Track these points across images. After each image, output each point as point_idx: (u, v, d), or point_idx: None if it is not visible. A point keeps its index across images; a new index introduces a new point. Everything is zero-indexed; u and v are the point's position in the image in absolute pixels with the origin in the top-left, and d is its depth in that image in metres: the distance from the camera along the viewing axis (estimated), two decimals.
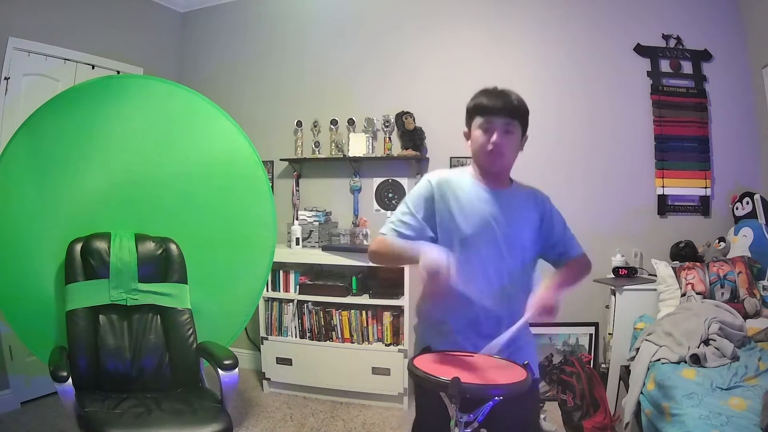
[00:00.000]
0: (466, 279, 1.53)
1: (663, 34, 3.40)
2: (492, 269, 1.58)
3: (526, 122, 1.63)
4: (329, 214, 3.89)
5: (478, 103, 1.60)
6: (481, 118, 1.58)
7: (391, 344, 3.45)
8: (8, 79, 3.21)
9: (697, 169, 3.37)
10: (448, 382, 1.21)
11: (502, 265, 1.59)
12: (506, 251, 1.59)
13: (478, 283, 1.56)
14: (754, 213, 3.02)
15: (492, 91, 1.60)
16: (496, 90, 1.60)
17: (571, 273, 1.67)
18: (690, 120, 3.37)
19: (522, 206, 1.66)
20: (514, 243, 1.60)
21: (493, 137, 1.56)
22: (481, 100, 1.59)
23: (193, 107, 2.85)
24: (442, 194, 1.62)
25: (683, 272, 2.91)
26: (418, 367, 1.33)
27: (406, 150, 3.70)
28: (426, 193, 1.64)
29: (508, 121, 1.57)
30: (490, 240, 1.58)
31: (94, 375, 2.34)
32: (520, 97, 1.61)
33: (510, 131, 1.58)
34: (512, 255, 1.60)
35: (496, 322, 1.57)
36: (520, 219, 1.63)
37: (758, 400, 1.83)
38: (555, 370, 3.18)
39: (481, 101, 1.59)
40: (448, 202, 1.61)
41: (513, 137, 1.59)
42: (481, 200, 1.61)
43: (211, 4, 4.38)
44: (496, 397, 1.26)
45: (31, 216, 2.47)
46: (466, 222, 1.59)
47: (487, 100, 1.58)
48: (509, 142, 1.58)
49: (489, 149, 1.57)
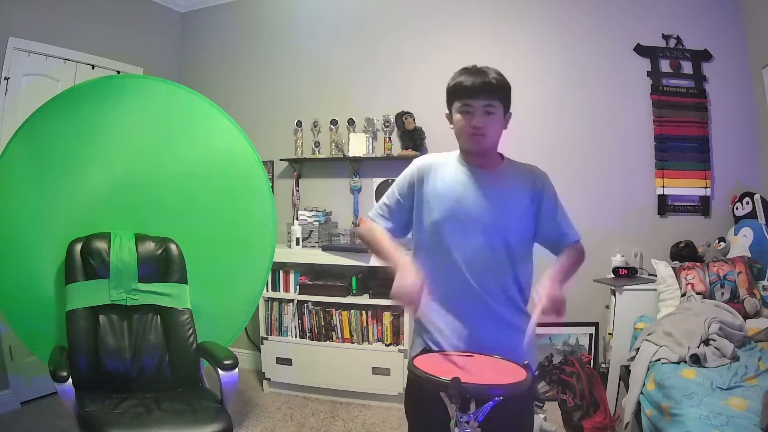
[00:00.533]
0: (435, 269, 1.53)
1: (663, 34, 3.40)
2: (460, 255, 1.53)
3: (508, 99, 1.55)
4: (329, 214, 3.89)
5: (456, 85, 1.53)
6: (460, 101, 1.52)
7: (391, 344, 3.45)
8: (8, 79, 3.22)
9: (697, 169, 3.37)
10: (448, 382, 1.21)
11: (474, 251, 1.52)
12: (481, 236, 1.52)
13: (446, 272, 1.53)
14: (754, 213, 3.02)
15: (470, 70, 1.54)
16: (474, 68, 1.54)
17: (566, 264, 1.58)
18: (690, 120, 3.37)
19: (509, 187, 1.58)
20: (493, 227, 1.53)
21: (473, 120, 1.51)
22: (458, 80, 1.53)
23: (193, 107, 2.86)
24: (423, 178, 1.61)
25: (683, 272, 2.91)
26: (418, 367, 1.33)
27: (406, 150, 3.70)
28: (409, 177, 1.64)
29: (487, 102, 1.50)
30: (460, 224, 1.53)
31: (94, 375, 2.35)
32: (499, 75, 1.53)
33: (491, 112, 1.51)
34: (488, 240, 1.52)
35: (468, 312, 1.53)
36: (501, 201, 1.55)
37: (758, 400, 1.82)
38: (555, 370, 3.17)
39: (459, 82, 1.52)
40: (425, 186, 1.60)
41: (495, 117, 1.52)
42: (458, 182, 1.57)
43: (211, 4, 4.38)
44: (496, 397, 1.26)
45: (31, 216, 2.47)
46: (438, 206, 1.56)
47: (465, 80, 1.51)
48: (491, 123, 1.52)
49: (470, 132, 1.52)
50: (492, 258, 1.54)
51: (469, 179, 1.57)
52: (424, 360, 1.42)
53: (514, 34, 3.66)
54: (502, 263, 1.55)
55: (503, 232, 1.54)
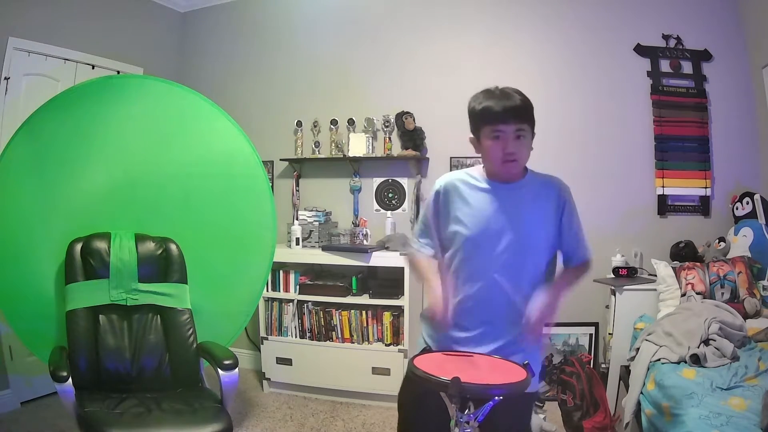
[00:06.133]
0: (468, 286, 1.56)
1: (663, 33, 3.41)
2: (491, 270, 1.55)
3: (534, 120, 1.56)
4: (329, 214, 3.89)
5: (485, 110, 1.52)
6: (489, 127, 1.52)
7: (391, 344, 3.45)
8: (8, 79, 3.21)
9: (697, 169, 3.37)
10: (448, 382, 1.22)
11: (504, 265, 1.54)
12: (510, 249, 1.54)
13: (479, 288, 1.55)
14: (754, 213, 3.02)
15: (495, 94, 1.53)
16: (499, 91, 1.54)
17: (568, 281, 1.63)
18: (690, 120, 3.37)
19: (534, 199, 1.59)
20: (522, 240, 1.54)
21: (506, 147, 1.51)
22: (486, 105, 1.51)
23: (193, 107, 2.85)
24: (448, 200, 1.62)
25: (683, 272, 2.91)
26: (418, 367, 1.33)
27: (406, 150, 3.70)
28: (434, 201, 1.66)
29: (519, 127, 1.51)
30: (490, 240, 1.55)
31: (94, 375, 2.34)
32: (524, 96, 1.54)
33: (522, 136, 1.52)
34: (518, 252, 1.54)
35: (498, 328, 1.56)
36: (528, 214, 1.57)
37: (758, 400, 1.82)
38: (555, 370, 3.18)
39: (488, 107, 1.51)
40: (450, 207, 1.61)
41: (525, 141, 1.53)
42: (484, 199, 1.58)
43: (211, 4, 4.38)
44: (496, 397, 1.26)
45: (31, 216, 2.47)
46: (466, 223, 1.57)
47: (494, 105, 1.50)
48: (522, 147, 1.53)
49: (504, 159, 1.52)
50: (523, 270, 1.56)
51: (495, 194, 1.58)
52: (424, 360, 1.42)
53: (514, 34, 3.66)
54: (532, 275, 1.57)
55: (533, 244, 1.57)
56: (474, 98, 1.57)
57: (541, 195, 1.60)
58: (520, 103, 1.51)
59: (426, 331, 1.68)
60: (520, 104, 1.51)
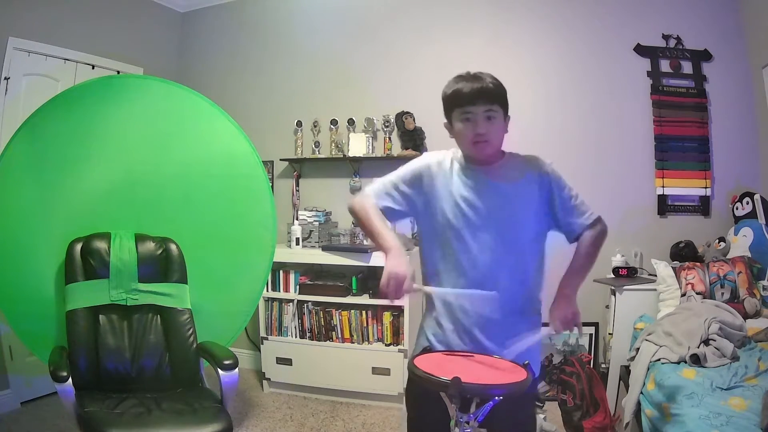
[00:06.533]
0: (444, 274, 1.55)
1: (663, 33, 3.41)
2: (470, 253, 1.52)
3: (507, 102, 1.54)
4: (329, 214, 3.89)
5: (454, 93, 1.52)
6: (459, 109, 1.51)
7: (391, 344, 3.45)
8: (8, 79, 3.22)
9: (697, 169, 3.37)
10: (449, 382, 1.21)
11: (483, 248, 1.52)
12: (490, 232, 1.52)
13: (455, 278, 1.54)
14: (754, 213, 3.02)
15: (465, 77, 1.52)
16: (469, 75, 1.53)
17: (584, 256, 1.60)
18: (690, 120, 3.37)
19: (515, 180, 1.57)
20: (502, 222, 1.53)
21: (476, 128, 1.50)
22: (456, 88, 1.51)
23: (193, 107, 2.85)
24: (432, 175, 1.60)
25: (683, 272, 2.91)
26: (418, 367, 1.33)
27: (406, 150, 3.70)
28: (418, 170, 1.62)
29: (488, 108, 1.50)
30: (470, 222, 1.53)
31: (94, 375, 2.35)
32: (495, 79, 1.52)
33: (492, 117, 1.51)
34: (499, 235, 1.52)
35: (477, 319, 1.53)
36: (508, 195, 1.55)
37: (758, 400, 1.83)
38: (555, 370, 3.17)
39: (457, 90, 1.51)
40: (434, 184, 1.59)
41: (496, 122, 1.52)
42: (463, 182, 1.56)
43: (211, 4, 4.38)
44: (496, 397, 1.26)
45: (31, 216, 2.47)
46: (445, 205, 1.55)
47: (463, 87, 1.50)
48: (493, 128, 1.51)
49: (474, 140, 1.51)
50: (503, 254, 1.53)
51: (474, 177, 1.57)
52: (425, 360, 1.42)
53: (514, 34, 3.66)
54: (514, 258, 1.55)
55: (514, 226, 1.54)
56: (447, 84, 1.57)
57: (524, 174, 1.58)
58: (489, 85, 1.50)
59: (431, 330, 1.66)
60: (489, 85, 1.50)
